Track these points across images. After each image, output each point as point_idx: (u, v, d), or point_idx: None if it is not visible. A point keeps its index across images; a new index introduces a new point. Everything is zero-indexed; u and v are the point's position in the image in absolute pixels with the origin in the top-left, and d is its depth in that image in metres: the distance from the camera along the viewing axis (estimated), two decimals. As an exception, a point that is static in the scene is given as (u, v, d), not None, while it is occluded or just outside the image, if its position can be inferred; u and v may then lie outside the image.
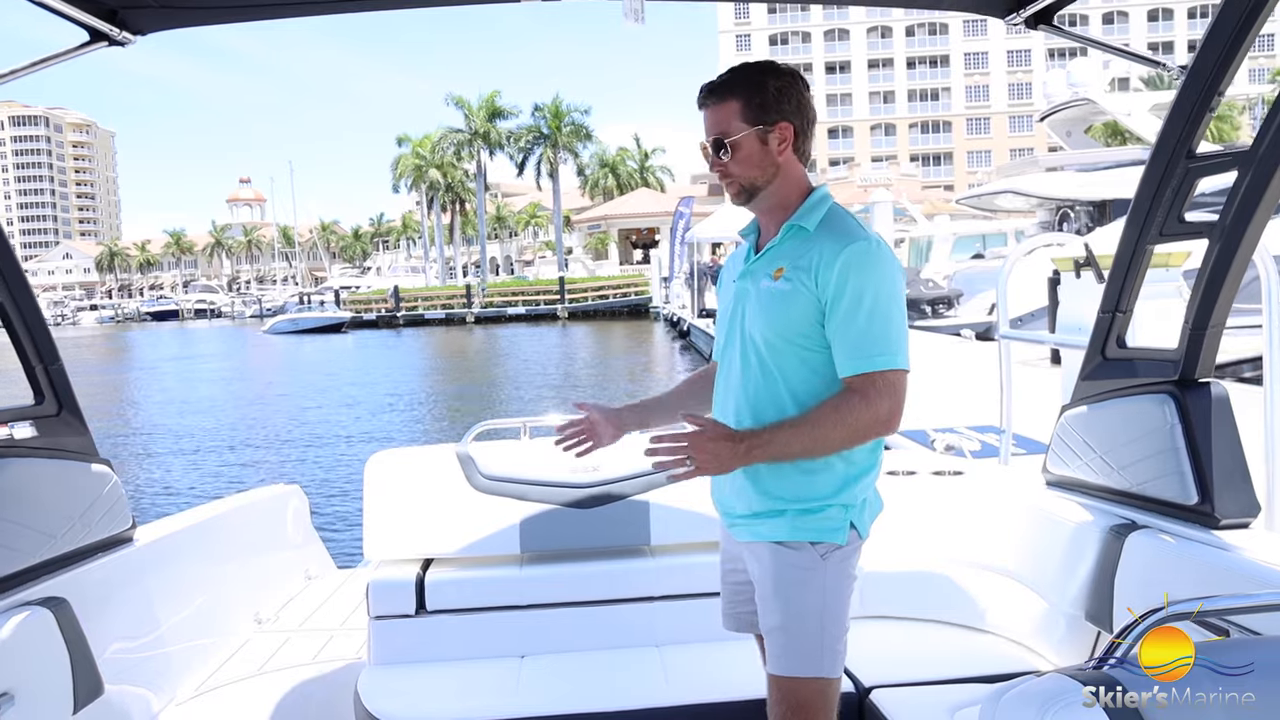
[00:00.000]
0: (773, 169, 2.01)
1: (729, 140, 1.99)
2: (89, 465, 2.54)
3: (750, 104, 1.98)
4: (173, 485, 13.08)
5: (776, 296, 1.97)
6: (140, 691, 2.66)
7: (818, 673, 1.99)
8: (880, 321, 1.89)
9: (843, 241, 1.92)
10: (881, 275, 1.91)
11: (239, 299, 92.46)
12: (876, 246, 1.93)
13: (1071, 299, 4.75)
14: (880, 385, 1.89)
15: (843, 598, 2.02)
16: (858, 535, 2.03)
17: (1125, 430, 2.57)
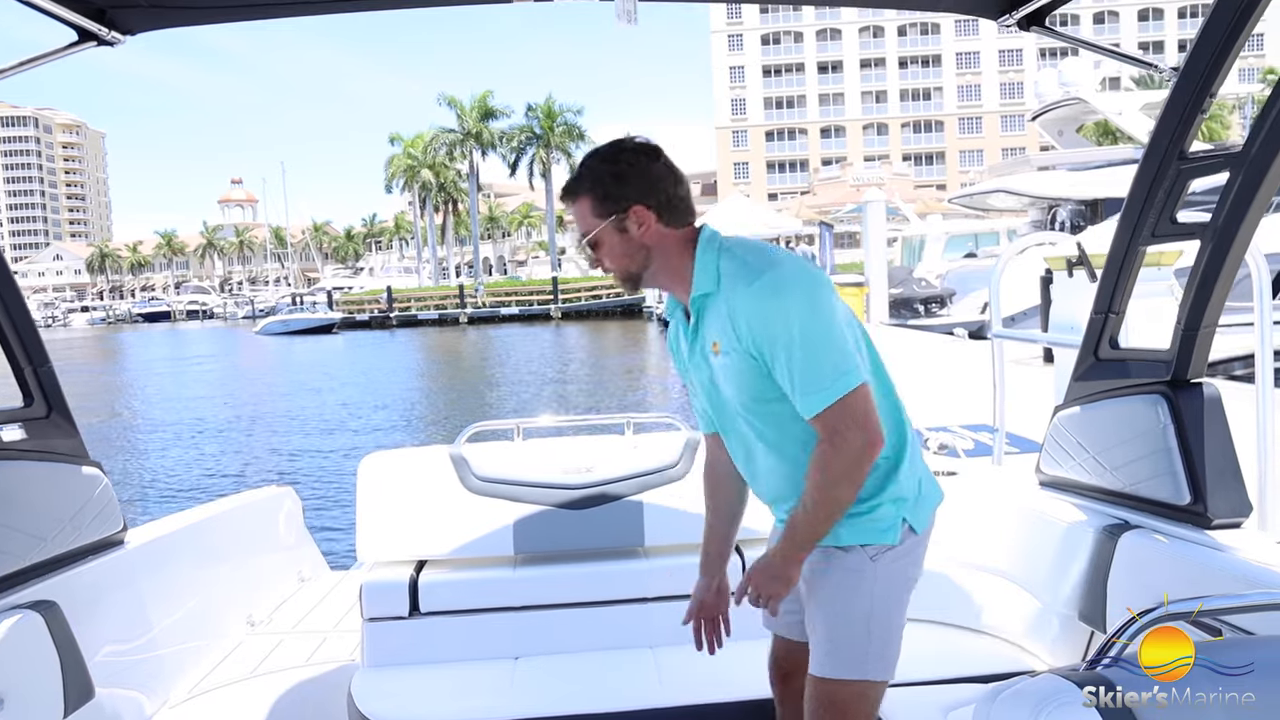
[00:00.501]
0: (643, 253, 1.96)
1: (590, 239, 1.98)
2: (79, 468, 2.53)
3: (596, 198, 1.95)
4: (165, 487, 13.04)
5: (730, 371, 1.93)
6: (132, 694, 2.65)
7: (860, 675, 1.95)
8: (814, 349, 1.81)
9: (741, 289, 1.85)
10: (795, 301, 1.82)
11: (231, 300, 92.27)
12: (778, 273, 1.84)
13: (1064, 298, 4.76)
14: (840, 420, 1.81)
15: (893, 600, 1.97)
16: (912, 531, 1.98)
17: (1118, 431, 2.58)
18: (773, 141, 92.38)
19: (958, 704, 2.50)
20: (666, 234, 1.96)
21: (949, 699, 2.53)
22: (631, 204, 1.93)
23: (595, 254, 2.00)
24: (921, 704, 2.50)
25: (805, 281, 1.85)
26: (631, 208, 1.93)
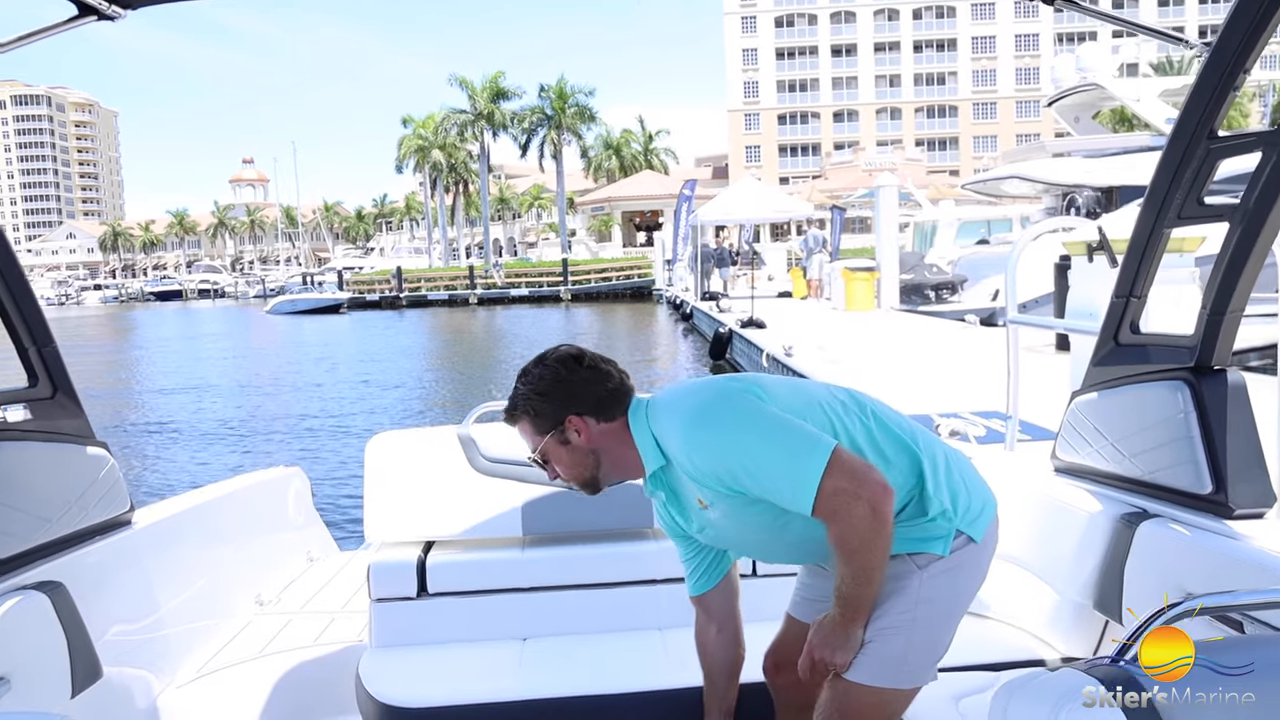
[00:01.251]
0: (591, 456, 2.00)
1: (537, 455, 2.02)
2: (85, 448, 2.51)
3: (531, 419, 1.99)
4: (173, 468, 13.08)
5: (731, 516, 1.93)
6: (140, 674, 2.64)
7: (893, 684, 1.90)
8: (767, 455, 1.79)
9: (678, 446, 1.88)
10: (723, 425, 1.82)
11: (242, 279, 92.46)
12: (692, 418, 1.86)
13: (1082, 284, 4.70)
14: (833, 503, 1.75)
15: (941, 610, 1.91)
16: (968, 540, 1.91)
17: (1138, 417, 2.53)
18: (785, 125, 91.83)
19: (968, 691, 2.47)
20: (607, 430, 1.99)
21: (960, 687, 2.49)
22: (564, 415, 1.97)
23: (547, 469, 2.03)
24: (932, 691, 2.46)
25: (721, 400, 1.86)
26: (565, 419, 1.97)
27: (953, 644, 2.82)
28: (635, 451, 1.98)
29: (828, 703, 1.94)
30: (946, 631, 1.94)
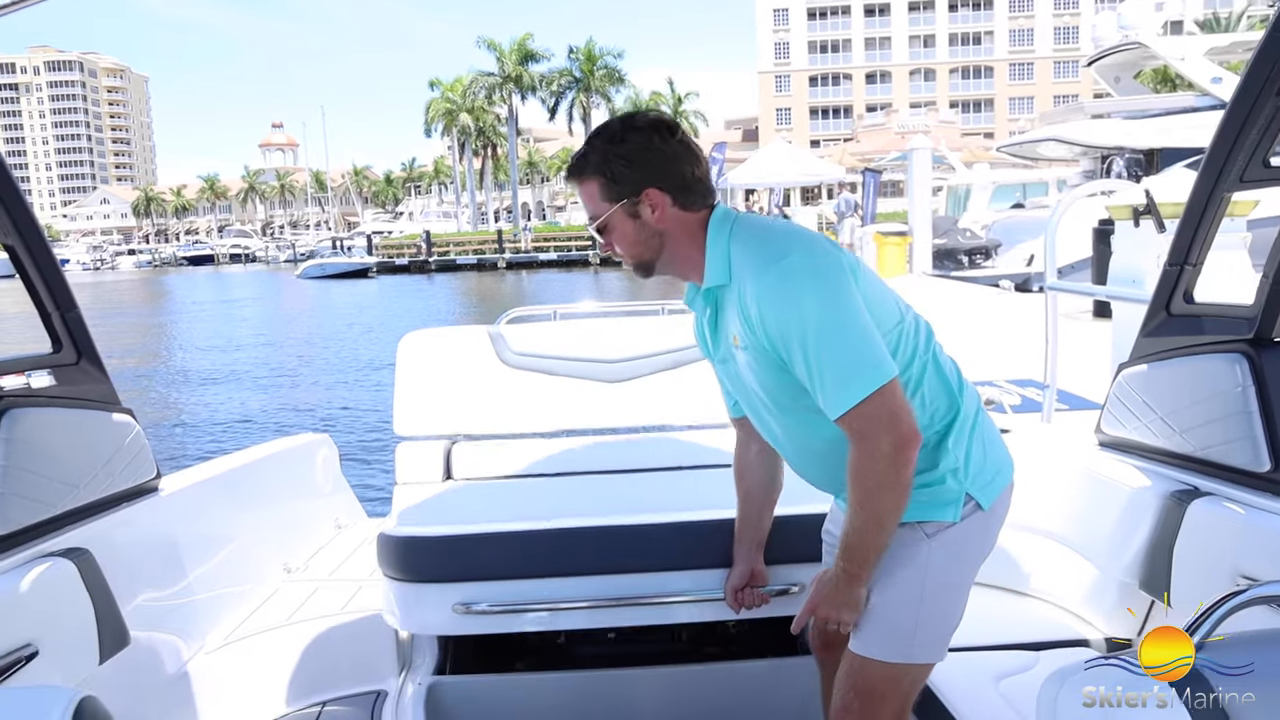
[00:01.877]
0: (656, 239, 1.84)
1: (599, 223, 1.85)
2: (110, 414, 2.48)
3: (605, 181, 1.81)
4: (201, 434, 13.23)
5: (753, 368, 1.82)
6: (168, 640, 2.64)
7: (903, 659, 1.85)
8: (832, 346, 1.65)
9: (753, 282, 1.70)
10: (810, 293, 1.65)
11: (273, 244, 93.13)
12: (791, 262, 1.67)
13: (1126, 249, 4.54)
14: (864, 425, 1.66)
15: (950, 581, 1.85)
16: (977, 507, 1.82)
17: (1191, 391, 2.42)
18: (816, 87, 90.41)
19: (1009, 671, 2.41)
20: (682, 218, 1.83)
21: (1001, 666, 2.43)
22: (644, 187, 1.80)
23: (605, 239, 1.88)
24: (972, 671, 2.41)
25: (822, 270, 1.69)
26: (644, 191, 1.80)
27: (991, 621, 2.79)
28: (702, 255, 1.83)
29: (844, 678, 1.92)
30: (956, 604, 1.88)
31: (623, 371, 3.04)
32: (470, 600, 2.37)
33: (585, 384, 3.01)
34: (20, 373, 2.25)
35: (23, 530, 2.13)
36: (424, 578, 2.44)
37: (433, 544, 2.49)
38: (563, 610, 2.42)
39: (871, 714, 1.88)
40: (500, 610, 2.39)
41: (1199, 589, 2.26)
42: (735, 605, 2.32)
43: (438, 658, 2.94)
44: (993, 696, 2.29)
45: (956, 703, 2.26)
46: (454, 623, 2.41)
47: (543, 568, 2.41)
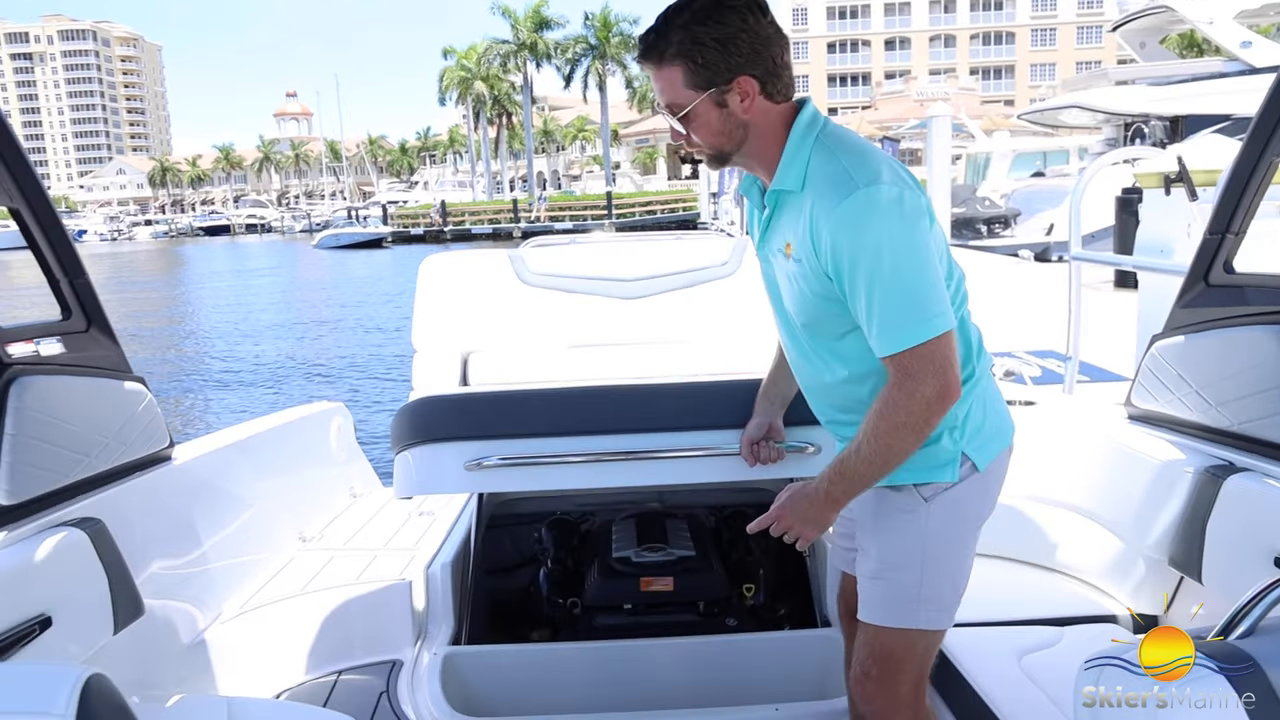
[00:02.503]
0: (741, 130, 1.71)
1: (680, 113, 1.70)
2: (121, 383, 2.45)
3: (692, 67, 1.65)
4: (216, 403, 13.27)
5: (794, 280, 1.74)
6: (183, 609, 2.63)
7: (911, 624, 1.82)
8: (901, 287, 1.59)
9: (831, 201, 1.60)
10: (889, 230, 1.57)
11: (288, 214, 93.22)
12: (875, 193, 1.57)
13: (1155, 218, 4.43)
14: (913, 365, 1.60)
15: (951, 545, 1.81)
16: (974, 468, 1.78)
17: (1229, 363, 2.34)
18: (834, 54, 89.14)
19: (1034, 647, 2.37)
20: (767, 110, 1.69)
21: (1025, 642, 2.39)
22: (737, 74, 1.65)
23: (684, 127, 1.72)
24: (995, 646, 2.37)
25: (907, 206, 1.60)
26: (737, 79, 1.65)
27: (1014, 596, 2.74)
28: (779, 154, 1.70)
29: (861, 647, 1.91)
30: (960, 568, 1.85)
31: (638, 289, 3.04)
32: (481, 456, 2.31)
33: (601, 300, 3.00)
34: (29, 340, 2.22)
35: (34, 500, 2.11)
36: (435, 437, 2.38)
37: (445, 404, 2.45)
38: (573, 464, 2.35)
39: (890, 680, 1.87)
40: (511, 463, 2.33)
41: (1232, 566, 2.21)
42: (751, 459, 2.24)
43: (453, 628, 2.92)
44: (1016, 673, 2.25)
45: (980, 678, 2.22)
46: (464, 480, 2.36)
47: (555, 426, 2.36)
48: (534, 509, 3.83)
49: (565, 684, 2.72)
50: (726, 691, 2.63)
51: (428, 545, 3.29)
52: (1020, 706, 2.09)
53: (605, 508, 3.82)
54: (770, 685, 2.64)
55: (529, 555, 3.75)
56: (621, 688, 2.69)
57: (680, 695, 2.61)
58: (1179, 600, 2.53)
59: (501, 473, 2.35)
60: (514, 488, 2.43)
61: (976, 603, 2.64)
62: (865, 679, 1.90)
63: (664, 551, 3.24)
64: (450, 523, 3.50)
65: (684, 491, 3.83)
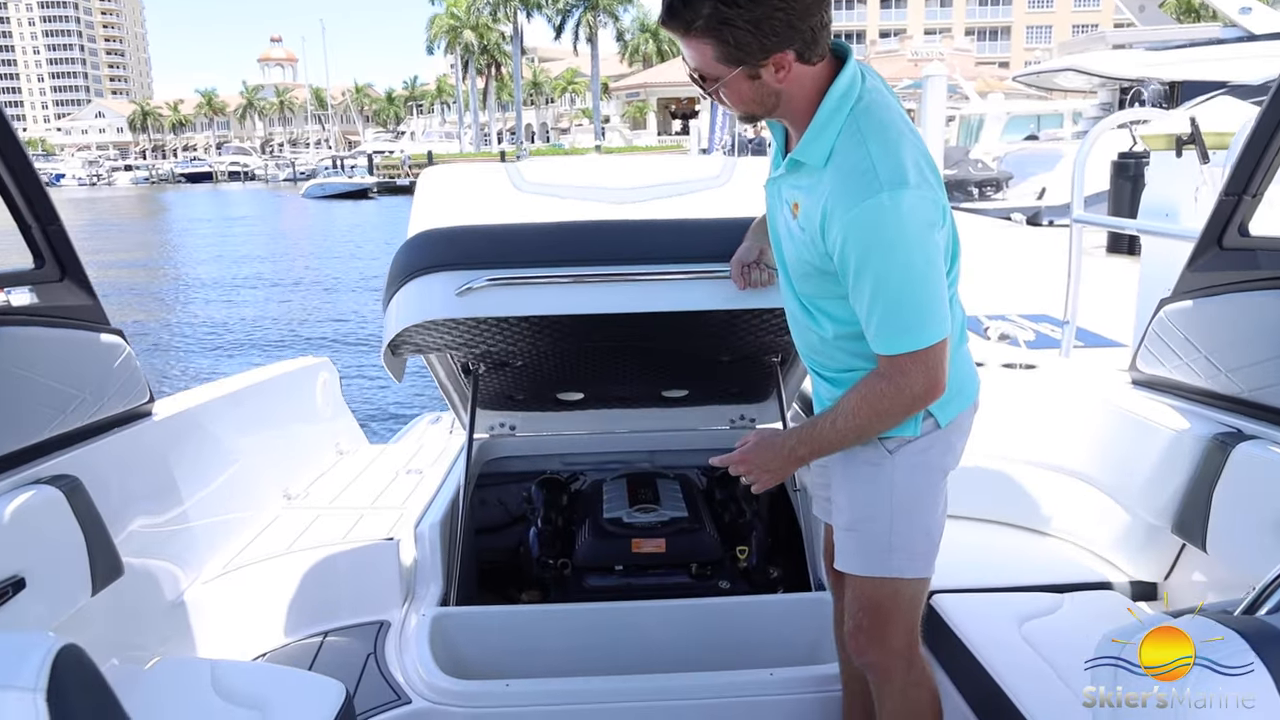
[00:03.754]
0: (773, 98, 1.66)
1: (711, 86, 1.66)
2: (98, 334, 2.35)
3: (724, 47, 1.57)
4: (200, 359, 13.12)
5: (795, 239, 1.75)
6: (164, 569, 2.56)
7: (885, 572, 1.87)
8: (898, 295, 1.60)
9: (852, 198, 1.57)
10: (895, 239, 1.56)
11: (272, 162, 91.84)
12: (890, 202, 1.54)
13: (1162, 181, 4.36)
14: (908, 366, 1.65)
15: (917, 494, 1.85)
16: (935, 424, 1.81)
17: (1241, 328, 2.29)
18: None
19: (1034, 614, 2.34)
20: (804, 74, 1.62)
21: (1025, 608, 2.36)
22: (771, 54, 1.58)
23: (709, 91, 1.67)
24: (995, 612, 2.34)
25: (921, 216, 1.58)
26: (771, 55, 1.58)
27: (1014, 561, 2.71)
28: (811, 112, 1.65)
29: (851, 602, 1.97)
30: (929, 517, 1.88)
31: (631, 195, 2.95)
32: (472, 280, 2.29)
33: (594, 206, 2.92)
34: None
35: (5, 457, 2.02)
36: (427, 268, 2.36)
37: (436, 237, 2.43)
38: (566, 285, 2.32)
39: (881, 632, 1.93)
40: (500, 284, 2.30)
41: (1239, 536, 2.17)
42: (741, 281, 2.22)
43: (442, 588, 2.87)
44: (1016, 639, 2.22)
45: (979, 645, 2.19)
46: (454, 305, 2.33)
47: (545, 256, 2.34)
48: (524, 468, 3.78)
49: (555, 646, 2.68)
50: (719, 655, 2.59)
51: (415, 504, 3.23)
52: (1020, 673, 2.06)
53: (596, 467, 3.77)
54: (763, 649, 2.61)
55: (518, 514, 3.71)
56: (612, 650, 2.65)
57: (672, 658, 2.57)
58: (1179, 568, 2.51)
59: (490, 295, 2.31)
60: (502, 311, 2.38)
61: (976, 568, 2.63)
62: (858, 632, 1.95)
63: (656, 512, 3.19)
64: (439, 481, 3.44)
65: (676, 451, 3.79)
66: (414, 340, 2.74)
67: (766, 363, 3.39)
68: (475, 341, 2.84)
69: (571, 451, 3.81)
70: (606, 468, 3.75)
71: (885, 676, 1.99)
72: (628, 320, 2.58)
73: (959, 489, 2.94)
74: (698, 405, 3.75)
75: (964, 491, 2.95)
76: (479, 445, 3.71)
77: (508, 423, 3.81)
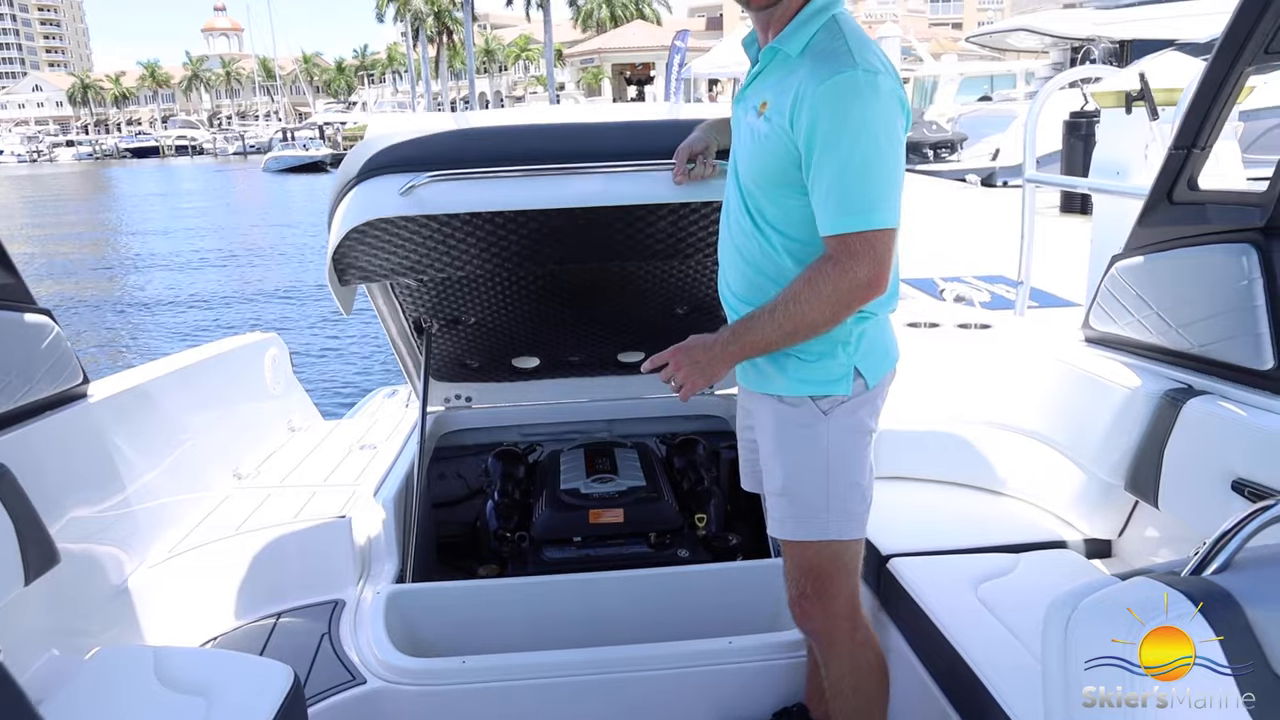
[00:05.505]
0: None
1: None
2: (22, 315, 2.24)
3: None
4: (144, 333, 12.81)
5: (758, 139, 1.79)
6: (107, 554, 2.48)
7: (824, 535, 1.89)
8: (859, 171, 1.65)
9: (823, 74, 1.64)
10: (865, 114, 1.63)
11: (221, 135, 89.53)
12: (863, 78, 1.63)
13: (1111, 139, 4.37)
14: (857, 247, 1.68)
15: (850, 454, 1.88)
16: (864, 385, 1.85)
17: (1191, 284, 2.29)
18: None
19: (989, 574, 2.35)
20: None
21: (979, 569, 2.37)
22: None
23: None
24: (950, 574, 2.34)
25: (885, 100, 1.65)
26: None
27: (969, 523, 2.72)
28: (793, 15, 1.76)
29: (792, 569, 1.99)
30: (861, 478, 1.91)
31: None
32: (415, 179, 2.28)
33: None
34: (-89, 268, 2.00)
35: None
36: (370, 171, 2.35)
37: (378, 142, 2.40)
38: (512, 178, 2.32)
39: (824, 596, 1.96)
40: (445, 179, 2.29)
41: (1191, 491, 2.19)
42: (681, 173, 2.23)
43: (397, 565, 2.83)
44: (972, 601, 2.23)
45: (935, 607, 2.20)
46: (400, 204, 2.31)
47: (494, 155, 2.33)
48: (481, 440, 3.73)
49: (513, 620, 2.65)
50: (678, 625, 2.58)
51: (369, 480, 3.17)
52: (976, 634, 2.06)
53: (553, 438, 3.73)
54: (722, 617, 2.61)
55: (475, 488, 3.66)
56: (571, 623, 2.63)
57: (631, 630, 2.56)
58: (1133, 525, 2.53)
59: (434, 191, 2.29)
60: (447, 208, 2.34)
61: (931, 530, 2.64)
62: (801, 599, 1.98)
63: (614, 482, 3.17)
64: (394, 456, 3.38)
65: (633, 420, 3.76)
66: (360, 264, 2.67)
67: (721, 318, 3.36)
68: (421, 264, 2.76)
69: (529, 422, 3.76)
70: (565, 438, 3.71)
71: (831, 639, 2.01)
72: (578, 231, 2.55)
73: (916, 451, 2.99)
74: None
75: (919, 453, 2.99)
76: (435, 419, 3.65)
77: (464, 394, 3.76)
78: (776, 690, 2.42)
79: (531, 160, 2.33)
